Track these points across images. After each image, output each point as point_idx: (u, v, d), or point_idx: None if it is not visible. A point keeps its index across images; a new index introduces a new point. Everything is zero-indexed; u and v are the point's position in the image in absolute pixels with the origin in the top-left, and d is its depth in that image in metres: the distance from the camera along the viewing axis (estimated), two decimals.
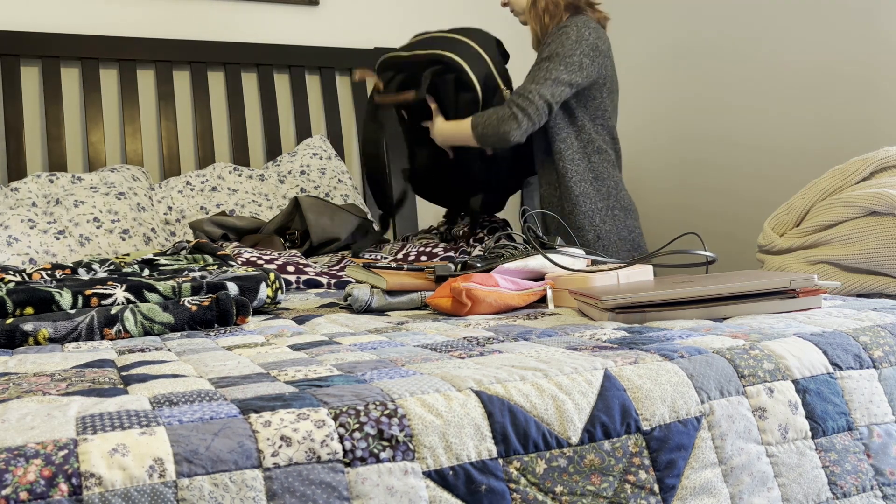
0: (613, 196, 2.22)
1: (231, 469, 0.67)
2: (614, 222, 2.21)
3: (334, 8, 3.03)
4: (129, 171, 2.54)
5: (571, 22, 2.16)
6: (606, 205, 2.21)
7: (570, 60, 2.11)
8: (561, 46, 2.12)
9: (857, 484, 0.90)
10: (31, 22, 2.63)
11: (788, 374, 0.93)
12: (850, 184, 1.74)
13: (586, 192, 2.18)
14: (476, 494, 0.74)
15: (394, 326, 1.24)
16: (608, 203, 2.21)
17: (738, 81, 2.78)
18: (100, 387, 0.84)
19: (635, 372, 0.86)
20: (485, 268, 1.48)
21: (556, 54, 2.11)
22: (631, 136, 3.33)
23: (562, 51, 2.11)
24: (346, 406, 0.75)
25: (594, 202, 2.19)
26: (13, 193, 2.36)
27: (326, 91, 2.95)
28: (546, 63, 2.12)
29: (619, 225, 2.22)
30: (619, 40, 3.35)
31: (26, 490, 0.62)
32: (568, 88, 2.12)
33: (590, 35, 2.15)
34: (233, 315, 1.31)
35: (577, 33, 2.13)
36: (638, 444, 0.82)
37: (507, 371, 0.85)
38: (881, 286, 1.60)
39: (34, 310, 1.30)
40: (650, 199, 3.24)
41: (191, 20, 2.83)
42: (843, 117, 2.43)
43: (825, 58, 2.47)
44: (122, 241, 2.29)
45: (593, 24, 2.18)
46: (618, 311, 1.16)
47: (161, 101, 2.73)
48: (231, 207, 2.55)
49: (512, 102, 2.10)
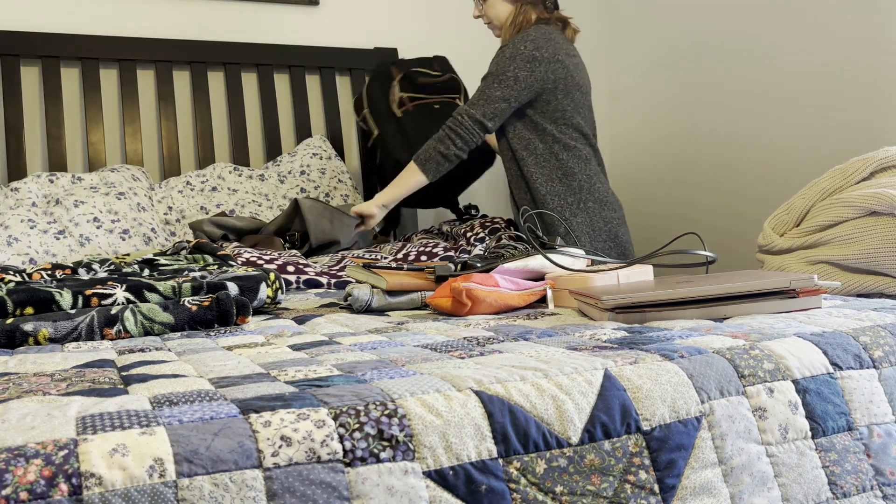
0: (586, 189, 2.28)
1: (231, 469, 0.67)
2: (587, 214, 2.26)
3: (334, 8, 3.03)
4: (129, 171, 2.54)
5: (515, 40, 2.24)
6: (577, 198, 2.27)
7: (504, 77, 2.20)
8: (495, 65, 2.23)
9: (857, 484, 0.90)
10: (31, 22, 2.63)
11: (788, 374, 0.93)
12: (850, 184, 1.74)
13: (554, 190, 2.26)
14: (476, 494, 0.74)
15: (394, 326, 1.24)
16: (579, 196, 2.27)
17: (739, 82, 2.78)
18: (100, 387, 0.84)
19: (635, 372, 0.86)
20: (485, 268, 1.48)
21: (490, 74, 2.23)
22: (632, 137, 3.33)
23: (496, 69, 2.22)
24: (346, 406, 0.75)
25: (563, 198, 2.26)
26: (13, 193, 2.36)
27: (326, 91, 2.95)
28: (482, 83, 2.24)
29: (594, 216, 2.27)
30: (621, 42, 3.35)
31: (26, 490, 0.62)
32: (504, 104, 2.21)
33: (525, 48, 2.21)
34: (233, 315, 1.31)
35: (513, 49, 2.22)
36: (638, 444, 0.82)
37: (507, 371, 0.85)
38: (881, 286, 1.60)
39: (34, 310, 1.30)
40: (650, 199, 3.24)
41: (191, 20, 2.83)
42: (843, 117, 2.43)
43: (825, 58, 2.47)
44: (122, 241, 2.29)
45: (534, 35, 2.23)
46: (618, 311, 1.16)
47: (161, 101, 2.73)
48: (231, 207, 2.55)
49: (445, 126, 2.23)
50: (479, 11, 2.37)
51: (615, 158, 3.43)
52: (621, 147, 3.39)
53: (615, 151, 3.43)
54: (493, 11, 2.33)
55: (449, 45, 3.18)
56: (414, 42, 3.14)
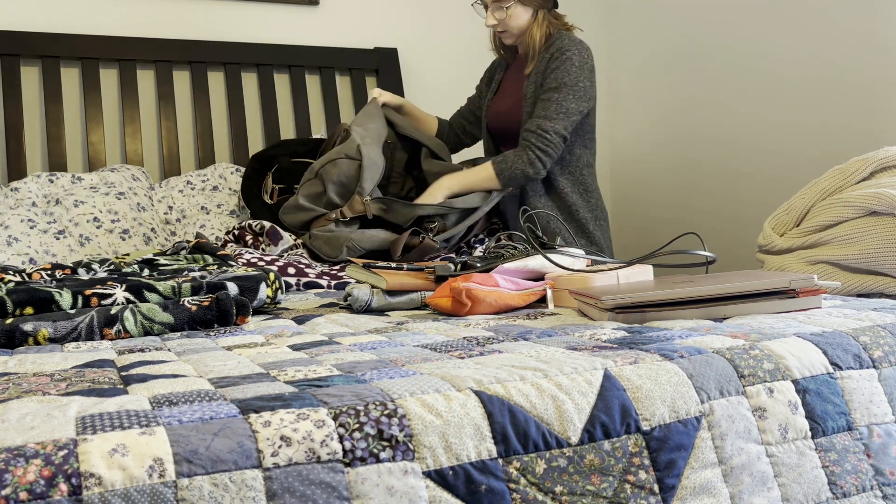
0: (599, 207, 2.33)
1: (231, 469, 0.67)
2: (601, 231, 2.33)
3: (334, 8, 3.03)
4: (129, 170, 2.54)
5: (570, 45, 2.21)
6: (594, 215, 2.31)
7: (577, 88, 2.19)
8: (567, 75, 2.19)
9: (857, 484, 0.90)
10: (31, 22, 2.63)
11: (788, 374, 0.93)
12: (850, 184, 1.74)
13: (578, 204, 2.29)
14: (476, 494, 0.74)
15: (394, 326, 1.24)
16: (595, 213, 2.32)
17: (739, 83, 2.78)
18: (100, 387, 0.84)
19: (635, 372, 0.86)
20: (485, 268, 1.48)
21: (563, 84, 2.18)
22: (632, 137, 3.33)
23: (568, 80, 2.18)
24: (346, 406, 0.75)
25: (584, 213, 2.29)
26: (13, 193, 2.36)
27: (326, 91, 2.95)
28: (555, 94, 2.19)
29: (605, 234, 2.34)
30: (622, 42, 3.35)
31: (26, 490, 0.62)
32: (578, 116, 2.20)
33: (588, 57, 2.22)
34: (233, 315, 1.31)
35: (580, 58, 2.20)
36: (638, 444, 0.82)
37: (506, 371, 0.85)
38: (881, 286, 1.60)
39: (34, 310, 1.30)
40: (650, 200, 3.24)
41: (191, 20, 2.83)
42: (843, 117, 2.43)
43: (825, 58, 2.47)
44: (122, 241, 2.29)
45: (585, 45, 2.25)
46: (618, 311, 1.16)
47: (161, 101, 2.73)
48: (231, 208, 2.55)
49: (531, 144, 2.17)
50: (496, 20, 2.28)
51: (615, 159, 3.43)
52: (621, 147, 3.39)
53: (615, 152, 3.43)
54: (515, 21, 2.26)
55: (449, 45, 3.18)
56: (414, 42, 3.14)
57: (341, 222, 2.14)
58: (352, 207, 2.14)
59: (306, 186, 2.21)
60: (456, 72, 3.16)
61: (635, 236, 3.33)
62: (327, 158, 2.16)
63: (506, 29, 2.30)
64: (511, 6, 2.25)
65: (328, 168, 2.15)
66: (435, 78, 3.16)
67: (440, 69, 3.16)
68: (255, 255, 1.97)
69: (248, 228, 2.19)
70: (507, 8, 2.25)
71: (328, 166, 2.15)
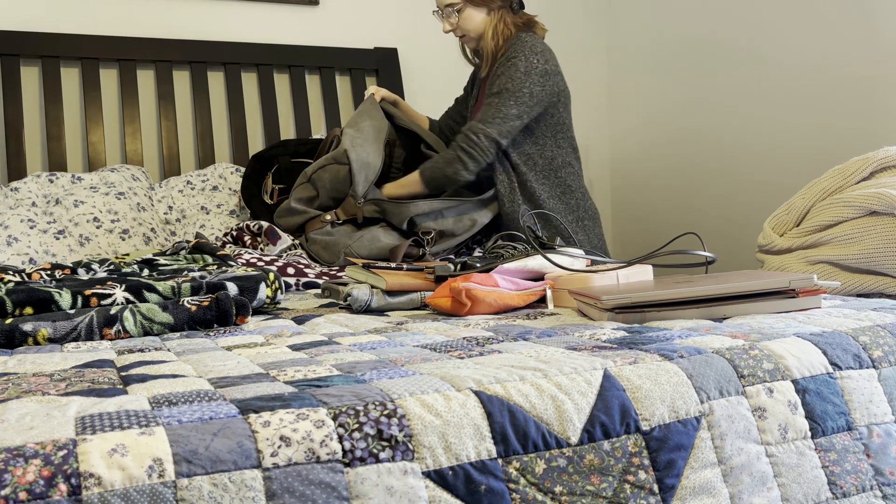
0: (582, 206, 2.28)
1: (230, 469, 0.67)
2: (585, 231, 2.27)
3: (334, 8, 3.03)
4: (129, 171, 2.54)
5: (518, 51, 2.16)
6: (576, 216, 2.26)
7: (520, 94, 2.14)
8: (510, 80, 2.14)
9: (857, 484, 0.90)
10: (31, 22, 2.63)
11: (788, 374, 0.93)
12: (850, 184, 1.74)
13: (556, 208, 2.23)
14: (475, 494, 0.74)
15: (393, 326, 1.24)
16: (577, 214, 2.27)
17: (738, 82, 2.78)
18: (99, 387, 0.84)
19: (635, 372, 0.86)
20: (484, 268, 1.48)
21: (505, 90, 2.14)
22: (632, 137, 3.33)
23: (511, 85, 2.14)
24: (346, 406, 0.75)
25: (563, 215, 2.24)
26: (13, 193, 2.36)
27: (326, 91, 2.95)
28: (495, 99, 2.15)
29: (590, 233, 2.28)
30: (620, 41, 3.35)
31: (25, 490, 0.62)
32: (519, 121, 2.16)
33: (538, 62, 2.16)
34: (232, 315, 1.31)
35: (526, 64, 2.14)
36: (637, 444, 0.82)
37: (506, 371, 0.85)
38: (881, 286, 1.60)
39: (34, 310, 1.30)
40: (650, 200, 3.24)
41: (191, 20, 2.83)
42: (843, 117, 2.43)
43: (825, 58, 2.47)
44: (122, 241, 2.29)
45: (540, 47, 2.19)
46: (617, 311, 1.16)
47: (161, 101, 2.73)
48: (232, 208, 2.55)
49: (457, 146, 2.14)
50: (450, 25, 2.25)
51: (614, 158, 3.43)
52: (620, 147, 3.39)
53: (614, 151, 3.43)
54: (469, 24, 2.23)
55: (449, 45, 3.18)
56: (414, 42, 3.14)
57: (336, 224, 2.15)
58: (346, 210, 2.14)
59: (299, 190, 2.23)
60: (456, 72, 3.16)
61: (635, 236, 3.33)
62: (318, 165, 2.20)
63: (464, 33, 2.27)
64: (461, 8, 2.22)
65: (320, 174, 2.19)
66: (435, 78, 3.16)
67: (440, 69, 3.16)
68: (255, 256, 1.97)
69: (246, 229, 2.19)
70: (458, 11, 2.23)
71: (320, 172, 2.19)
